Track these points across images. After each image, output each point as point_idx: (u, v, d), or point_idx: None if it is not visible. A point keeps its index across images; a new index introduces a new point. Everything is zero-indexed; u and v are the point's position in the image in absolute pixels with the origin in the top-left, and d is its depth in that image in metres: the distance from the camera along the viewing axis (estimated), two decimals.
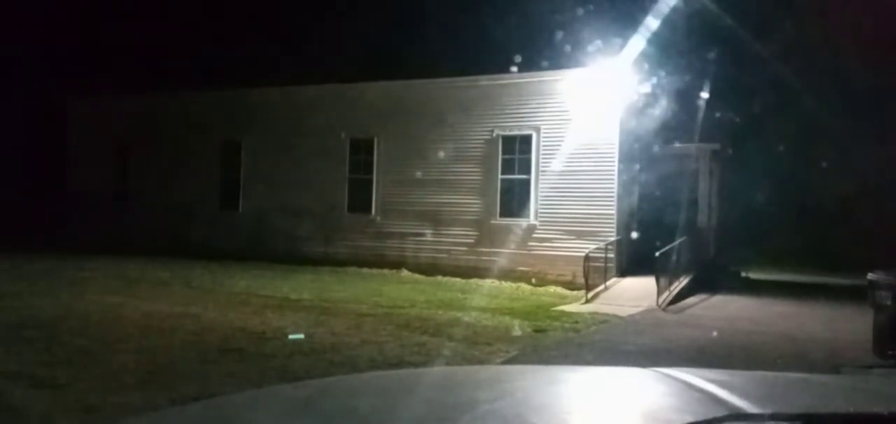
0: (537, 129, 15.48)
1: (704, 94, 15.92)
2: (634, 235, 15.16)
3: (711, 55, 16.69)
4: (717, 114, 16.49)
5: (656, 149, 15.88)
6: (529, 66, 15.05)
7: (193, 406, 1.74)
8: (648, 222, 15.44)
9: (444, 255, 16.11)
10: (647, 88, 15.13)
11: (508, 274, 14.72)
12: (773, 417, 1.24)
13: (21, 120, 20.94)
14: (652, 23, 13.59)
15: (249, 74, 18.18)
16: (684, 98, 15.65)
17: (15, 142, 20.78)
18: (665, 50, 15.21)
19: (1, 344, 6.78)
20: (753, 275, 19.31)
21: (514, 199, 15.64)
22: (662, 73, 15.41)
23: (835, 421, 1.34)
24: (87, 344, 6.90)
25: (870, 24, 16.89)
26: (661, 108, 15.22)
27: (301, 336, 6.72)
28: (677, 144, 16.37)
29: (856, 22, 17.30)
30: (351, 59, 17.14)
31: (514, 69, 15.07)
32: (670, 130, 15.63)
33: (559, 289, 14.05)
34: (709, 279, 14.89)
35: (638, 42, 13.83)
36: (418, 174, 16.58)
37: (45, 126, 21.40)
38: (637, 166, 15.59)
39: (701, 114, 16.11)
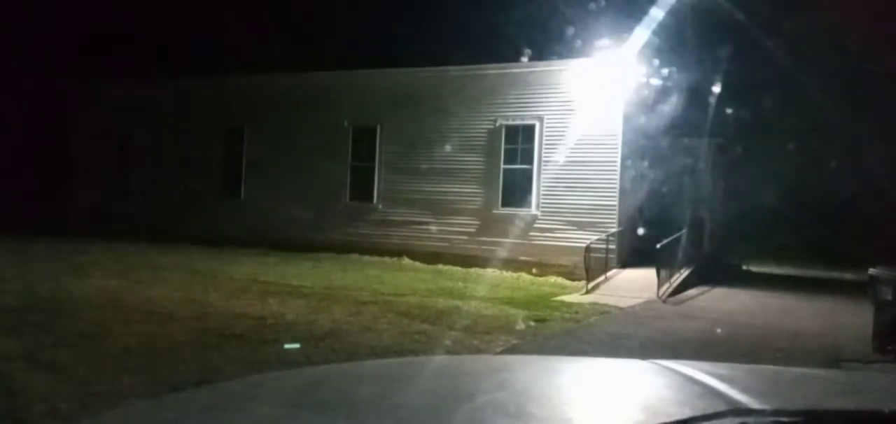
0: (540, 119, 15.44)
1: (709, 89, 15.86)
2: (636, 227, 15.15)
3: (716, 49, 16.60)
4: (722, 109, 16.42)
5: (660, 141, 15.83)
6: (533, 55, 14.98)
7: (192, 392, 1.74)
8: (650, 214, 15.44)
9: (446, 244, 16.11)
10: (651, 81, 15.07)
11: (509, 264, 14.72)
12: (773, 412, 1.23)
13: (23, 105, 20.91)
14: (657, 14, 13.53)
15: (253, 61, 18.13)
16: (689, 92, 15.58)
17: (17, 128, 20.74)
18: (670, 42, 15.13)
19: (3, 327, 6.80)
20: (755, 269, 19.33)
21: (516, 189, 15.62)
22: (667, 66, 15.33)
23: (835, 417, 1.34)
24: (89, 328, 6.92)
25: (876, 21, 16.80)
26: (666, 101, 15.16)
27: (297, 345, 6.76)
28: (681, 138, 16.32)
29: (863, 18, 17.21)
30: (354, 46, 17.06)
31: (519, 58, 15.01)
32: (674, 124, 15.57)
33: (560, 280, 14.06)
34: (710, 272, 14.88)
35: (642, 34, 13.77)
36: (421, 163, 16.58)
37: (47, 111, 21.36)
38: (640, 158, 15.56)
39: (705, 109, 16.05)
